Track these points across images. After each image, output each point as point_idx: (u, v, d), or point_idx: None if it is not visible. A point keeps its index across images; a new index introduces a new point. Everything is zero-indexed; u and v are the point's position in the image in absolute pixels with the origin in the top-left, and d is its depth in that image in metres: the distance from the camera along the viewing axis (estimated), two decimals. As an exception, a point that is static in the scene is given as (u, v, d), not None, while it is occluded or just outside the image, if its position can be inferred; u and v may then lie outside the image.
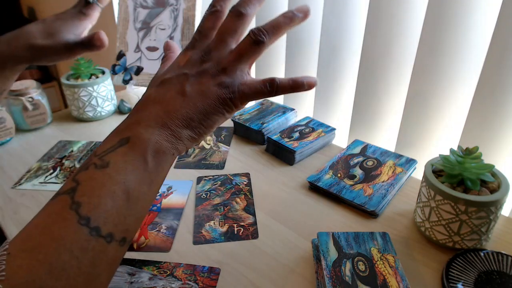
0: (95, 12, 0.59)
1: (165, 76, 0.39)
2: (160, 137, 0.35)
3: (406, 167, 0.66)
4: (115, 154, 0.34)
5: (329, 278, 0.44)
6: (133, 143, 0.34)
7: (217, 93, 0.37)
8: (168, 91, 0.37)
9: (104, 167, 0.33)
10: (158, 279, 0.48)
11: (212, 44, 0.39)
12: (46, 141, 0.82)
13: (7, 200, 0.64)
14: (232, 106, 0.38)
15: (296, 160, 0.72)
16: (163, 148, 0.35)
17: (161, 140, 0.35)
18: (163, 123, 0.35)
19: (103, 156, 0.34)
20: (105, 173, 0.32)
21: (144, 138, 0.35)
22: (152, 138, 0.35)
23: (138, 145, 0.34)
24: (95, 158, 0.34)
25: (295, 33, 0.85)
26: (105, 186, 0.32)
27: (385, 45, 0.70)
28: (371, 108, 0.77)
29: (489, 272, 0.47)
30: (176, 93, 0.37)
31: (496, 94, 0.59)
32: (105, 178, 0.32)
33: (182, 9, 0.98)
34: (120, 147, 0.34)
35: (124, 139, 0.35)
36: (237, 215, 0.59)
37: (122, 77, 0.96)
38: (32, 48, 0.54)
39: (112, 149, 0.34)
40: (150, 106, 0.37)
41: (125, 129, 0.36)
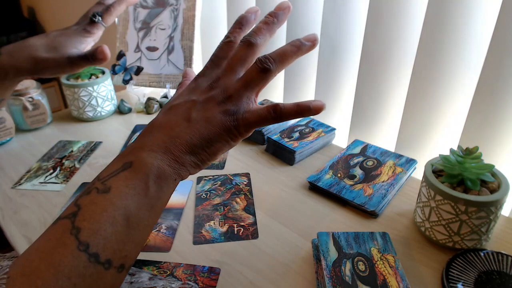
0: (99, 30, 0.59)
1: (174, 102, 0.40)
2: (162, 162, 0.35)
3: (406, 167, 0.66)
4: (117, 179, 0.34)
5: (329, 278, 0.44)
6: (135, 168, 0.35)
7: (221, 121, 0.37)
8: (174, 116, 0.38)
9: (105, 192, 0.33)
10: (158, 279, 0.48)
11: (221, 73, 0.40)
12: (46, 141, 0.82)
13: (7, 200, 0.64)
14: (236, 134, 0.38)
15: (296, 160, 0.72)
16: (165, 173, 0.36)
17: (164, 165, 0.35)
18: (166, 148, 0.36)
19: (105, 180, 0.34)
20: (106, 198, 0.33)
21: (146, 162, 0.35)
22: (154, 162, 0.35)
23: (140, 170, 0.34)
24: (98, 182, 0.34)
25: (295, 33, 0.85)
26: (106, 211, 0.32)
27: (385, 45, 0.70)
28: (371, 108, 0.77)
29: (489, 272, 0.47)
30: (182, 119, 0.37)
31: (496, 94, 0.59)
32: (106, 204, 0.32)
33: (182, 9, 0.98)
34: (123, 172, 0.34)
35: (127, 163, 0.35)
36: (237, 215, 0.59)
37: (122, 77, 0.96)
38: (35, 61, 0.55)
39: (115, 174, 0.34)
40: (155, 131, 0.37)
41: (129, 153, 0.36)
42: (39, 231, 0.57)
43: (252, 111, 0.38)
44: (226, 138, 0.38)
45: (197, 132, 0.36)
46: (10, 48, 0.56)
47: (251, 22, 0.43)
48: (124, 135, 0.83)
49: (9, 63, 0.54)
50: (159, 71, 1.00)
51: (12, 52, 0.55)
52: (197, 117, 0.37)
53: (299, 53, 0.40)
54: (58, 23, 2.02)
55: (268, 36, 0.40)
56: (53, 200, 0.64)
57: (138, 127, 0.86)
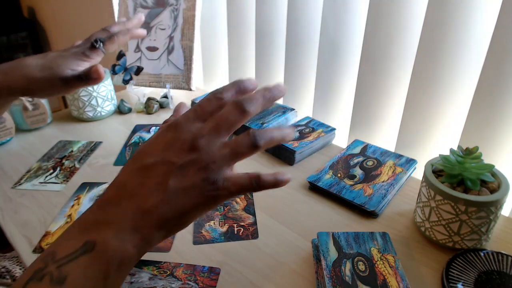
0: (98, 57, 0.58)
1: (148, 161, 0.34)
2: (129, 243, 0.32)
3: (406, 167, 0.66)
4: (75, 266, 0.30)
5: (329, 278, 0.44)
6: (97, 252, 0.31)
7: (201, 190, 0.34)
8: (148, 180, 0.33)
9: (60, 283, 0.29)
10: (158, 279, 0.48)
11: (205, 130, 0.35)
12: (46, 141, 0.82)
13: (7, 200, 0.64)
14: (215, 203, 0.35)
15: (296, 160, 0.72)
16: (128, 257, 0.32)
17: (129, 248, 0.32)
18: (135, 227, 0.32)
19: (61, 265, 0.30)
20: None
21: (110, 247, 0.31)
22: (120, 246, 0.31)
23: (103, 256, 0.31)
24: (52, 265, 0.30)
25: (295, 33, 0.85)
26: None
27: (385, 45, 0.70)
28: (371, 108, 0.77)
29: (489, 272, 0.47)
30: (156, 188, 0.33)
31: (496, 94, 0.59)
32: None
33: (182, 9, 0.98)
34: (83, 255, 0.30)
35: (89, 244, 0.31)
36: (237, 215, 0.59)
37: (122, 77, 0.96)
38: (28, 80, 0.54)
39: (74, 257, 0.30)
40: (125, 200, 0.33)
41: (92, 227, 0.32)
42: (39, 231, 0.57)
43: (232, 180, 0.35)
44: (202, 208, 0.34)
45: (172, 206, 0.33)
46: (4, 66, 0.55)
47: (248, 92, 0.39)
48: (124, 135, 0.83)
49: (2, 82, 0.53)
50: (159, 71, 1.00)
51: (6, 70, 0.54)
52: (174, 186, 0.33)
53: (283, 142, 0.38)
54: (58, 23, 2.02)
55: (259, 109, 0.37)
56: (53, 200, 0.64)
57: (138, 127, 0.86)
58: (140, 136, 0.82)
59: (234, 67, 1.06)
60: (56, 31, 2.10)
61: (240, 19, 0.98)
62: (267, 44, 0.93)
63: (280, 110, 0.83)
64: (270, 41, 0.92)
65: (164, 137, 0.36)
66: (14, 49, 2.21)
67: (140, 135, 0.83)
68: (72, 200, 0.63)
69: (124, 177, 0.35)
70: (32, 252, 0.53)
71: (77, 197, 0.64)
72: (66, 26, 1.92)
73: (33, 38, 2.26)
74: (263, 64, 0.96)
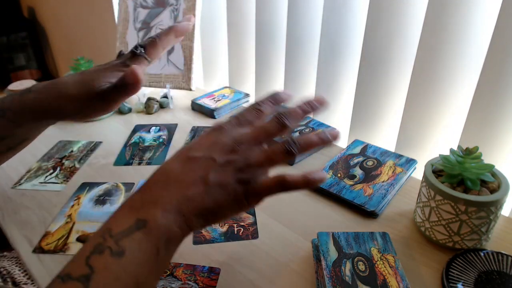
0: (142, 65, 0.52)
1: (193, 154, 0.38)
2: (174, 223, 0.35)
3: (406, 167, 0.66)
4: (131, 240, 0.33)
5: (329, 278, 0.44)
6: (149, 229, 0.34)
7: (235, 189, 0.37)
8: (192, 172, 0.37)
9: (119, 255, 0.32)
10: (158, 279, 0.48)
11: (246, 136, 0.39)
12: (46, 141, 0.82)
13: (7, 200, 0.64)
14: (245, 204, 0.38)
15: (296, 160, 0.72)
16: (175, 236, 0.35)
17: (175, 227, 0.35)
18: (179, 209, 0.35)
19: (119, 240, 0.33)
20: (120, 264, 0.32)
21: (160, 225, 0.34)
22: (167, 225, 0.34)
23: (154, 233, 0.34)
24: (110, 239, 0.33)
25: (295, 33, 0.85)
26: (120, 279, 0.31)
27: (385, 45, 0.70)
28: (371, 108, 0.77)
29: (489, 272, 0.47)
30: (199, 179, 0.36)
31: (496, 94, 0.59)
32: (120, 270, 0.32)
33: (182, 9, 0.98)
34: (137, 231, 0.34)
35: (141, 222, 0.34)
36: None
37: (122, 77, 0.95)
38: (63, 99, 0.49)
39: (129, 232, 0.33)
40: (171, 185, 0.36)
41: (141, 207, 0.35)
42: (39, 231, 0.57)
43: (262, 183, 0.38)
44: (235, 206, 0.37)
45: (211, 197, 0.36)
46: (40, 86, 0.51)
47: (283, 101, 0.43)
48: (124, 135, 0.83)
49: (35, 102, 0.50)
50: (159, 71, 1.00)
51: (41, 90, 0.50)
52: (214, 180, 0.36)
53: (322, 145, 0.40)
54: (58, 23, 2.02)
55: (299, 122, 0.41)
56: (53, 200, 0.64)
57: (138, 127, 0.86)
58: (140, 136, 0.82)
59: (234, 67, 1.06)
60: (56, 31, 2.10)
61: (240, 19, 0.98)
62: (267, 44, 0.93)
63: (280, 110, 0.83)
64: (270, 41, 0.92)
65: (209, 137, 0.39)
66: (14, 49, 2.21)
67: (140, 135, 0.83)
68: (72, 200, 0.63)
69: (171, 164, 0.38)
70: (32, 252, 0.53)
71: (77, 197, 0.64)
72: (66, 26, 1.92)
73: (33, 38, 2.26)
74: (263, 64, 0.96)
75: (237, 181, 0.37)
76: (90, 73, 0.51)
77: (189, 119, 0.90)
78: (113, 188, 0.66)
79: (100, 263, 0.32)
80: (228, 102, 0.92)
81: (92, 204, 0.62)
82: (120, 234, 0.33)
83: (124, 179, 0.68)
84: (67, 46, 2.05)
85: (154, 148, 0.78)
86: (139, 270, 0.33)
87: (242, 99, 0.94)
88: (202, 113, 0.92)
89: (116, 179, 0.69)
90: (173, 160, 0.38)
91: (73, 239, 0.55)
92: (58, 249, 0.54)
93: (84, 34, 1.75)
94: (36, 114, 0.51)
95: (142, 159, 0.74)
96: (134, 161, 0.74)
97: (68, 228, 0.57)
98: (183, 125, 0.87)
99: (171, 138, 0.82)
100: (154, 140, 0.81)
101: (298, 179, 0.37)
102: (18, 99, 0.50)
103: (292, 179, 0.37)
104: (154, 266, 0.34)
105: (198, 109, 0.93)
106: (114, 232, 0.33)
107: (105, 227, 0.34)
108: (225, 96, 0.95)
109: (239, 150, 0.38)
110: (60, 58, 2.22)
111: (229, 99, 0.93)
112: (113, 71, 0.51)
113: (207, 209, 0.36)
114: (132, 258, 0.32)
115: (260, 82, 0.99)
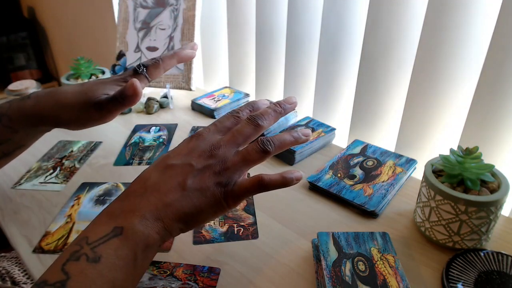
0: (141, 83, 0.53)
1: (171, 162, 0.39)
2: (152, 230, 0.36)
3: (406, 167, 0.66)
4: (107, 247, 0.34)
5: (329, 278, 0.44)
6: (126, 236, 0.34)
7: (213, 192, 0.38)
8: (169, 178, 0.38)
9: (95, 261, 0.33)
10: (158, 279, 0.48)
11: (223, 141, 0.40)
12: (46, 141, 0.82)
13: (7, 200, 0.64)
14: (224, 206, 0.39)
15: (296, 160, 0.72)
16: (152, 242, 0.36)
17: (153, 234, 0.36)
18: (158, 215, 0.36)
19: (95, 247, 0.33)
20: (96, 269, 0.32)
21: (137, 231, 0.35)
22: (145, 231, 0.35)
23: (131, 239, 0.35)
24: (87, 247, 0.33)
25: (295, 33, 0.85)
26: (95, 284, 0.32)
27: (385, 45, 0.70)
28: (371, 108, 0.77)
29: (489, 272, 0.47)
30: (177, 185, 0.37)
31: (496, 94, 0.59)
32: (96, 275, 0.32)
33: (182, 9, 0.98)
34: (114, 238, 0.34)
35: (118, 229, 0.35)
36: (237, 215, 0.59)
37: (122, 77, 0.95)
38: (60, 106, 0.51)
39: (106, 239, 0.34)
40: (148, 193, 0.37)
41: (119, 215, 0.36)
42: (39, 231, 0.57)
43: (239, 184, 0.39)
44: (214, 209, 0.39)
45: (190, 201, 0.37)
46: (39, 93, 0.52)
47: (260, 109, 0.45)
48: (124, 135, 0.83)
49: (33, 109, 0.51)
50: (159, 71, 1.00)
51: (40, 97, 0.52)
52: (192, 185, 0.38)
53: (296, 144, 0.42)
54: (58, 23, 2.02)
55: (272, 122, 0.43)
56: (53, 200, 0.64)
57: (138, 127, 0.86)
58: (140, 136, 0.83)
59: (234, 67, 1.06)
60: (56, 31, 2.10)
61: (240, 19, 0.98)
62: (267, 44, 0.93)
63: (280, 110, 0.83)
64: (270, 41, 0.92)
65: (188, 145, 0.41)
66: (14, 49, 2.21)
67: (140, 135, 0.83)
68: (72, 200, 0.63)
69: (149, 173, 0.39)
70: (32, 252, 0.53)
71: (77, 197, 0.64)
72: (66, 26, 1.92)
73: (33, 38, 2.26)
74: (263, 64, 0.96)
75: (216, 185, 0.38)
76: (90, 84, 0.52)
77: (189, 119, 0.90)
78: (113, 188, 0.66)
79: (76, 269, 0.32)
80: (228, 102, 0.92)
81: (92, 204, 0.62)
82: (97, 241, 0.34)
83: (124, 179, 0.68)
84: (67, 46, 2.05)
85: (154, 148, 0.78)
86: (116, 275, 0.33)
87: (242, 99, 0.94)
88: (202, 113, 0.92)
89: (116, 179, 0.69)
90: (152, 169, 0.39)
91: (73, 239, 0.55)
92: (58, 249, 0.54)
93: (84, 34, 1.75)
94: (33, 120, 0.52)
95: (142, 159, 0.74)
96: (134, 161, 0.74)
97: (68, 228, 0.57)
98: (183, 125, 0.87)
99: (171, 138, 0.82)
100: (154, 140, 0.81)
101: (276, 178, 0.39)
102: (17, 104, 0.52)
103: (270, 179, 0.39)
104: (132, 270, 0.34)
105: (198, 109, 0.93)
106: (91, 240, 0.34)
107: (82, 236, 0.35)
108: (225, 96, 0.95)
109: (217, 155, 0.39)
110: (60, 58, 2.22)
111: (229, 99, 0.93)
112: (113, 84, 0.53)
113: (186, 214, 0.37)
114: (108, 263, 0.33)
115: (260, 82, 0.99)
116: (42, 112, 0.51)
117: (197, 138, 0.41)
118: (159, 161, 0.40)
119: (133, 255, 0.34)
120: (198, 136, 0.41)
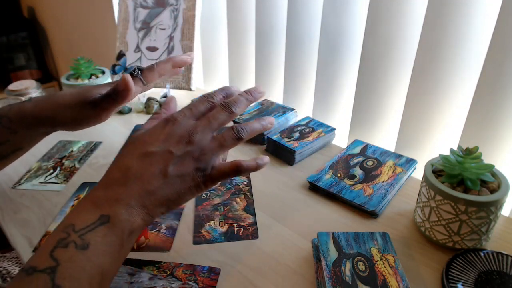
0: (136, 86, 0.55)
1: (149, 149, 0.40)
2: (137, 217, 0.38)
3: (406, 167, 0.66)
4: (95, 234, 0.35)
5: (329, 278, 0.44)
6: (113, 224, 0.36)
7: (193, 176, 0.40)
8: (151, 166, 0.39)
9: (84, 248, 0.34)
10: (158, 279, 0.48)
11: (198, 127, 0.42)
12: (46, 141, 0.81)
13: (7, 200, 0.64)
14: (202, 188, 0.42)
15: (296, 160, 0.72)
16: (137, 227, 0.38)
17: (138, 220, 0.38)
18: (142, 203, 0.38)
19: (83, 234, 0.35)
20: (85, 255, 0.34)
21: (123, 219, 0.37)
22: (130, 219, 0.37)
23: (118, 227, 0.36)
24: (74, 234, 0.35)
25: (295, 33, 0.85)
26: (85, 270, 0.33)
27: (385, 45, 0.70)
28: (371, 108, 0.77)
29: (489, 272, 0.47)
30: (159, 173, 0.39)
31: (496, 94, 0.59)
32: (85, 261, 0.33)
33: (182, 9, 0.98)
34: (101, 226, 0.36)
35: (104, 217, 0.36)
36: (237, 215, 0.59)
37: (122, 77, 0.95)
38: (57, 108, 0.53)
39: (93, 227, 0.35)
40: (131, 182, 0.38)
41: (104, 203, 0.37)
42: (39, 231, 0.57)
43: (217, 168, 0.42)
44: (193, 191, 0.41)
45: (172, 187, 0.39)
46: (38, 98, 0.55)
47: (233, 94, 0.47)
48: (124, 135, 0.83)
49: (32, 111, 0.53)
50: (159, 71, 1.00)
51: (38, 103, 0.54)
52: (173, 172, 0.39)
53: (263, 131, 0.45)
54: (58, 23, 2.02)
55: (243, 110, 0.45)
56: (53, 200, 0.64)
57: (138, 127, 0.86)
58: (140, 136, 0.82)
59: (234, 67, 1.06)
60: (56, 31, 2.10)
61: (240, 19, 0.98)
62: (267, 44, 0.93)
63: (280, 110, 0.83)
64: (270, 41, 0.92)
65: (163, 130, 0.42)
66: (14, 49, 2.21)
67: (140, 135, 0.83)
68: (72, 200, 0.63)
69: (127, 161, 0.40)
70: (32, 252, 0.53)
71: (77, 197, 0.64)
72: (66, 26, 1.92)
73: (33, 38, 2.26)
74: (263, 64, 0.96)
75: (195, 170, 0.40)
76: (87, 87, 0.55)
77: (189, 119, 0.90)
78: (113, 188, 0.66)
79: (65, 256, 0.33)
80: (228, 102, 0.92)
81: (92, 204, 0.62)
82: (84, 229, 0.35)
83: (124, 179, 0.68)
84: (67, 46, 2.05)
85: (154, 148, 0.78)
86: (104, 260, 0.35)
87: (242, 99, 0.94)
88: (202, 113, 0.92)
89: (116, 179, 0.68)
90: (131, 156, 0.40)
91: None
92: (58, 249, 0.54)
93: (84, 34, 1.75)
94: (32, 121, 0.54)
95: (142, 159, 0.74)
96: (134, 161, 0.74)
97: (68, 228, 0.57)
98: (183, 125, 0.87)
99: (171, 138, 0.82)
100: (154, 140, 0.81)
101: (251, 163, 0.43)
102: (17, 107, 0.54)
103: (247, 165, 0.42)
104: (118, 255, 0.36)
105: (198, 109, 0.93)
106: (78, 228, 0.35)
107: (67, 223, 0.36)
108: (225, 96, 0.95)
109: (194, 141, 0.41)
110: (60, 58, 2.22)
111: (229, 99, 0.93)
112: (108, 86, 0.55)
113: (168, 199, 0.39)
114: (96, 250, 0.34)
115: (260, 82, 0.99)
116: (40, 113, 0.53)
117: (173, 123, 0.42)
118: (134, 146, 0.41)
119: (119, 241, 0.36)
120: (174, 120, 0.42)
